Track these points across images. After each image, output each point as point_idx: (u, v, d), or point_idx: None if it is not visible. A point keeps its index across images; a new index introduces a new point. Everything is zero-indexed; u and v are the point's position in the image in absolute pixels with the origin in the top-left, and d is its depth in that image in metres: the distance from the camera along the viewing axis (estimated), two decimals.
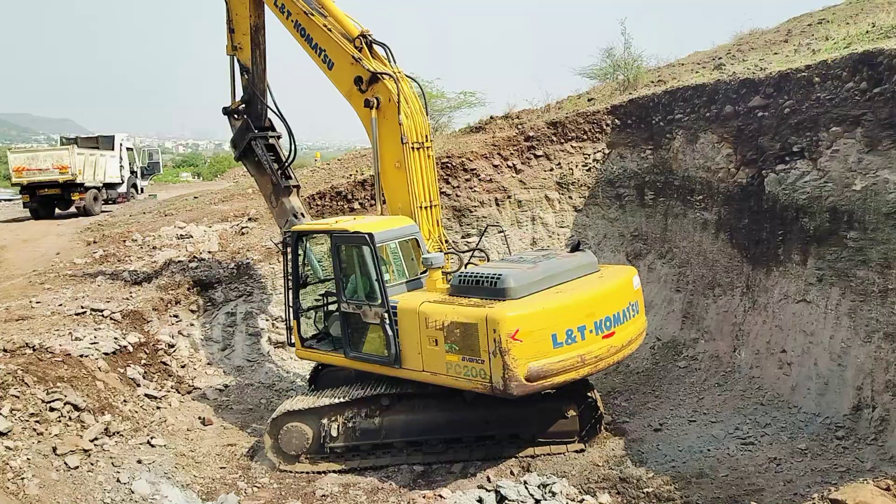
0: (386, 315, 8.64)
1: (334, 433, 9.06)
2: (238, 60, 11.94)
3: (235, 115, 12.22)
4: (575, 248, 9.48)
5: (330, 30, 10.17)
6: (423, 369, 8.44)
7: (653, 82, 16.81)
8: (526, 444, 9.05)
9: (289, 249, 10.14)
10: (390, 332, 8.60)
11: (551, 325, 7.86)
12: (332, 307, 10.13)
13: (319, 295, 10.67)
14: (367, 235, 8.84)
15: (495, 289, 8.14)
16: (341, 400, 9.10)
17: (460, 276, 8.64)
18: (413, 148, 9.89)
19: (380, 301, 8.73)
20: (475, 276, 8.42)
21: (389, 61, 10.19)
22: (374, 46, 10.20)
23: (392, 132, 9.90)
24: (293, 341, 10.25)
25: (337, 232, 9.30)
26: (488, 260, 10.27)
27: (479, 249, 10.70)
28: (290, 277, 10.20)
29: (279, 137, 12.38)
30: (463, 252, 10.56)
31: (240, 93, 12.09)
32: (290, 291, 10.17)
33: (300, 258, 10.11)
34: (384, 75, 9.84)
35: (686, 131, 13.51)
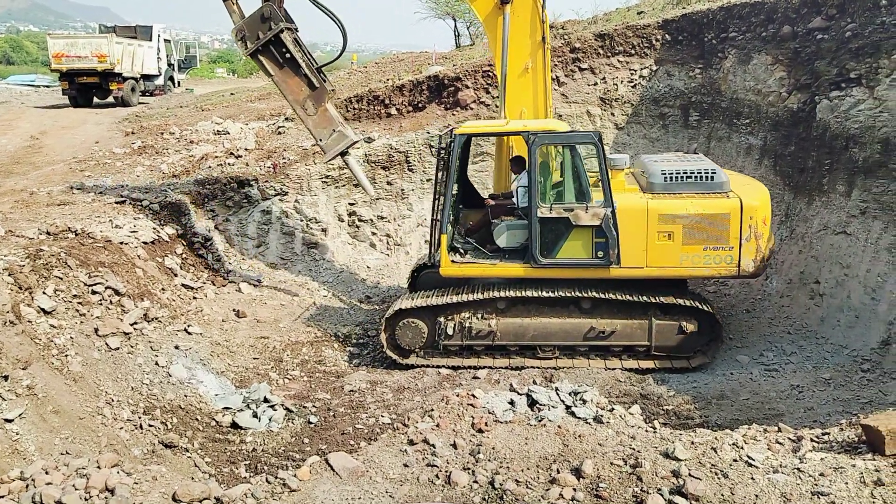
0: (611, 214, 8.70)
1: (450, 331, 9.26)
2: None
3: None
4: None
5: None
6: (646, 265, 8.82)
7: None
8: (639, 357, 9.18)
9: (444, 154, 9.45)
10: (615, 232, 8.71)
11: (769, 214, 8.87)
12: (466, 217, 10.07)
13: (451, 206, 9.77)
14: (593, 134, 8.92)
15: (712, 182, 8.74)
16: (459, 300, 9.17)
17: (664, 172, 8.85)
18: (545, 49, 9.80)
19: (604, 201, 8.77)
20: (685, 172, 8.81)
21: None
22: None
23: (519, 32, 9.66)
24: (438, 258, 9.38)
25: (544, 132, 8.96)
26: None
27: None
28: (442, 186, 9.43)
29: (297, 31, 10.56)
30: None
31: None
32: (440, 201, 9.39)
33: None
34: None
35: (739, 51, 13.02)
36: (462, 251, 9.58)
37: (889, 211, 8.91)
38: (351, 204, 13.99)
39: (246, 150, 14.99)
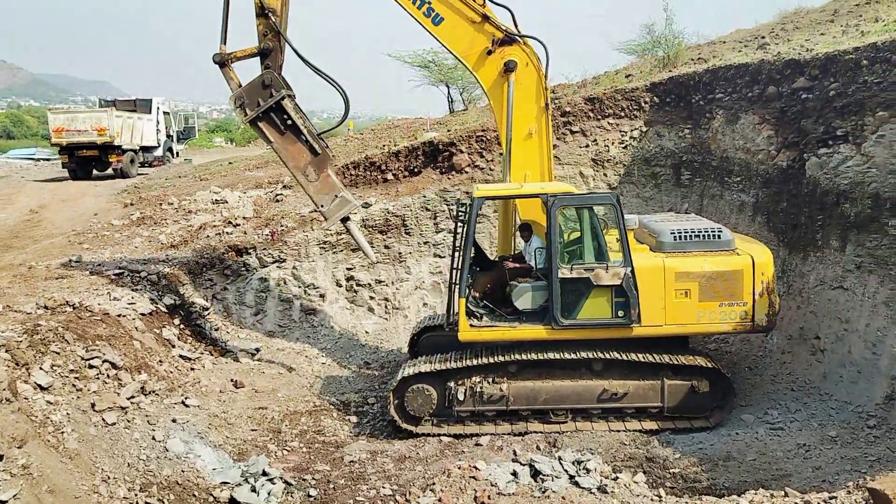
0: (630, 273, 8.79)
1: (461, 397, 9.07)
2: None
3: (226, 66, 10.16)
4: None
5: None
6: (664, 323, 8.91)
7: (693, 60, 16.50)
8: (651, 418, 9.07)
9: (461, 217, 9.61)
10: (635, 291, 8.80)
11: (773, 271, 9.08)
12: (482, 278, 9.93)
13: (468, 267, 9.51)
14: (612, 195, 9.23)
15: (719, 241, 9.04)
16: (469, 364, 9.03)
17: (673, 232, 9.09)
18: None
19: (623, 260, 8.85)
20: (694, 231, 9.10)
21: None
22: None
23: (524, 98, 9.91)
24: (455, 321, 9.26)
25: (563, 195, 9.11)
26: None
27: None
28: (460, 249, 9.48)
29: (295, 97, 10.47)
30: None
31: (245, 39, 10.29)
32: (459, 264, 9.40)
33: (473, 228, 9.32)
34: (522, 37, 9.75)
35: (726, 111, 13.29)
36: (478, 315, 9.41)
37: (884, 265, 8.96)
38: (349, 268, 14.03)
39: (244, 218, 15.11)
